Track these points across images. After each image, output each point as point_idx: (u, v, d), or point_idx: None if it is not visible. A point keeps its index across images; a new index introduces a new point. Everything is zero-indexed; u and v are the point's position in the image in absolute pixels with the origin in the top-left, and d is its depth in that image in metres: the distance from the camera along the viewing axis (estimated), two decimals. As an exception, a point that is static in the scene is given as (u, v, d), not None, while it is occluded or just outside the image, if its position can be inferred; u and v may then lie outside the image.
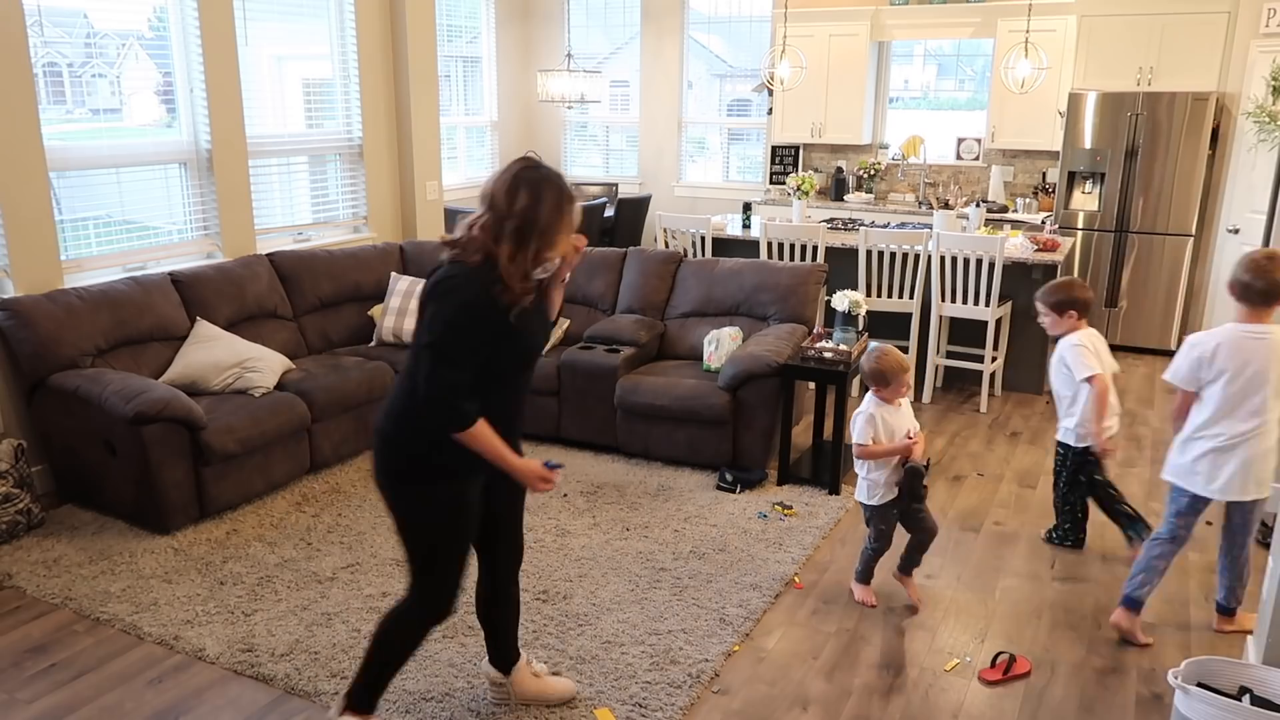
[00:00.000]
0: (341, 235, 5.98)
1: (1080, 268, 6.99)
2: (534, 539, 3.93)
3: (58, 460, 4.23)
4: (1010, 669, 3.08)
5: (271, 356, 4.56)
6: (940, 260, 5.56)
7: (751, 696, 2.95)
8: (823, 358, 4.45)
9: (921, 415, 5.58)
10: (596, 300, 5.45)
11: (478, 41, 8.65)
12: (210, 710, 2.86)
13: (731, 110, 8.87)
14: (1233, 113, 6.45)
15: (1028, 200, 7.38)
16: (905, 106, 9.18)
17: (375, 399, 4.78)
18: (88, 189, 4.64)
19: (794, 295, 5.05)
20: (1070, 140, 6.86)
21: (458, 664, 3.06)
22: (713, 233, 6.27)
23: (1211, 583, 3.68)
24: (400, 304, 5.22)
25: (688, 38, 8.64)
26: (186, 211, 5.04)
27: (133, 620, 3.31)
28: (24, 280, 4.24)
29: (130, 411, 3.76)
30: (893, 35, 7.73)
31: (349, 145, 5.97)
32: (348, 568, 3.69)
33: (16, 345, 4.07)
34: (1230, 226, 6.45)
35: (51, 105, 4.52)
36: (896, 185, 8.09)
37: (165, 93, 4.93)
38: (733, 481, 4.41)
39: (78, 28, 4.61)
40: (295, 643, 3.18)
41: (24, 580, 3.58)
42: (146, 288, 4.49)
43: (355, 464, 4.69)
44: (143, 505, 3.93)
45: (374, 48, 5.94)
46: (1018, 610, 3.48)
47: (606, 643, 3.20)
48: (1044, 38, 6.76)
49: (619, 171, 9.22)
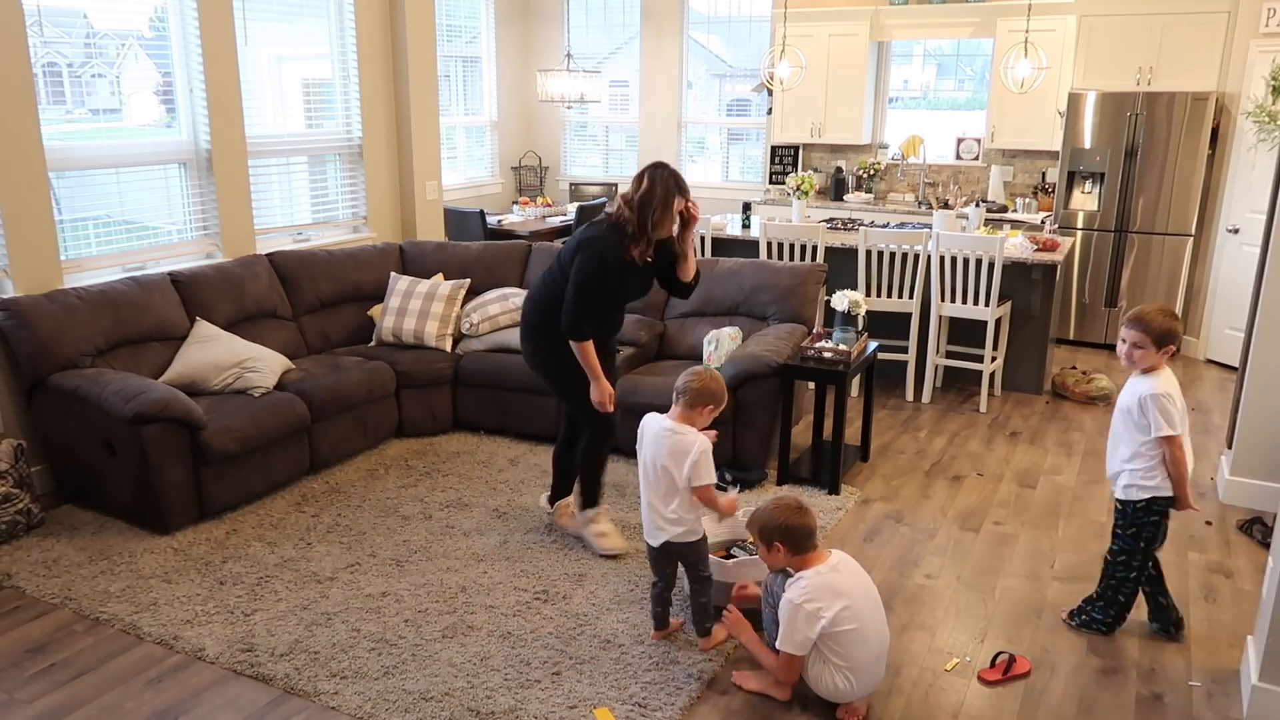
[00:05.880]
0: (341, 235, 5.98)
1: (1080, 268, 6.99)
2: (534, 539, 3.93)
3: (57, 460, 4.23)
4: (1010, 669, 3.08)
5: (271, 356, 4.56)
6: (940, 260, 5.56)
7: (751, 696, 2.95)
8: (822, 358, 4.45)
9: (921, 415, 5.59)
10: (596, 300, 5.45)
11: (477, 41, 8.65)
12: (210, 710, 2.86)
13: (731, 110, 8.87)
14: (1232, 113, 6.45)
15: (1027, 200, 7.38)
16: (905, 106, 9.18)
17: (375, 399, 4.79)
18: (87, 189, 4.64)
19: (793, 295, 5.05)
20: (1070, 140, 6.86)
21: (458, 664, 3.06)
22: (712, 232, 6.28)
23: (1212, 582, 3.69)
24: (400, 304, 5.21)
25: (687, 38, 8.64)
26: (186, 211, 5.04)
27: (132, 620, 3.30)
28: (24, 280, 4.24)
29: (130, 411, 3.76)
30: (892, 35, 7.73)
31: (349, 145, 5.97)
32: (348, 568, 3.69)
33: (16, 345, 4.07)
34: (1230, 226, 6.45)
35: (51, 105, 4.52)
36: (896, 185, 8.09)
37: (165, 93, 4.93)
38: (732, 481, 4.41)
39: (77, 28, 4.61)
40: (295, 642, 3.18)
41: (24, 580, 3.58)
42: (146, 288, 4.49)
43: (355, 464, 4.69)
44: (142, 505, 3.93)
45: (374, 48, 5.93)
46: (1018, 610, 3.47)
47: (606, 643, 3.19)
48: (1044, 38, 6.76)
49: (619, 171, 9.22)
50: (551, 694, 2.92)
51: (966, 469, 4.80)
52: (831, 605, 2.71)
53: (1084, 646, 3.25)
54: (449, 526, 4.04)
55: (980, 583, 3.67)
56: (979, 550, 3.94)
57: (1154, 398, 3.05)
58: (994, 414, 5.62)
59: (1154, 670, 3.12)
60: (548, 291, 3.67)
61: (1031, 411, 5.68)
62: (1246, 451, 4.31)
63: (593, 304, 3.50)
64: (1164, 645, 3.26)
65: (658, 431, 3.12)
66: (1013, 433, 5.33)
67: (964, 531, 4.10)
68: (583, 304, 3.48)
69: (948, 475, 4.71)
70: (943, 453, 5.01)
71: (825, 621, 2.71)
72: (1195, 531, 4.12)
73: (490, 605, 3.42)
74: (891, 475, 4.70)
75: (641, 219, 3.45)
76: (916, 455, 4.97)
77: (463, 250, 5.70)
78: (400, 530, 4.01)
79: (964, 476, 4.70)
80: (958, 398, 5.90)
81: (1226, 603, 3.54)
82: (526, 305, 3.81)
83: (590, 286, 3.48)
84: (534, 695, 2.91)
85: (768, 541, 2.83)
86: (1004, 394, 5.98)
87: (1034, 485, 4.60)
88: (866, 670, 2.78)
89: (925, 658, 3.17)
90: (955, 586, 3.64)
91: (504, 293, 5.32)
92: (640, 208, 3.45)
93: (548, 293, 3.66)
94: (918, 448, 5.07)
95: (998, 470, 4.78)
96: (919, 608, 3.48)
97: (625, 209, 3.49)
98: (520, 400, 4.98)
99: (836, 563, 2.80)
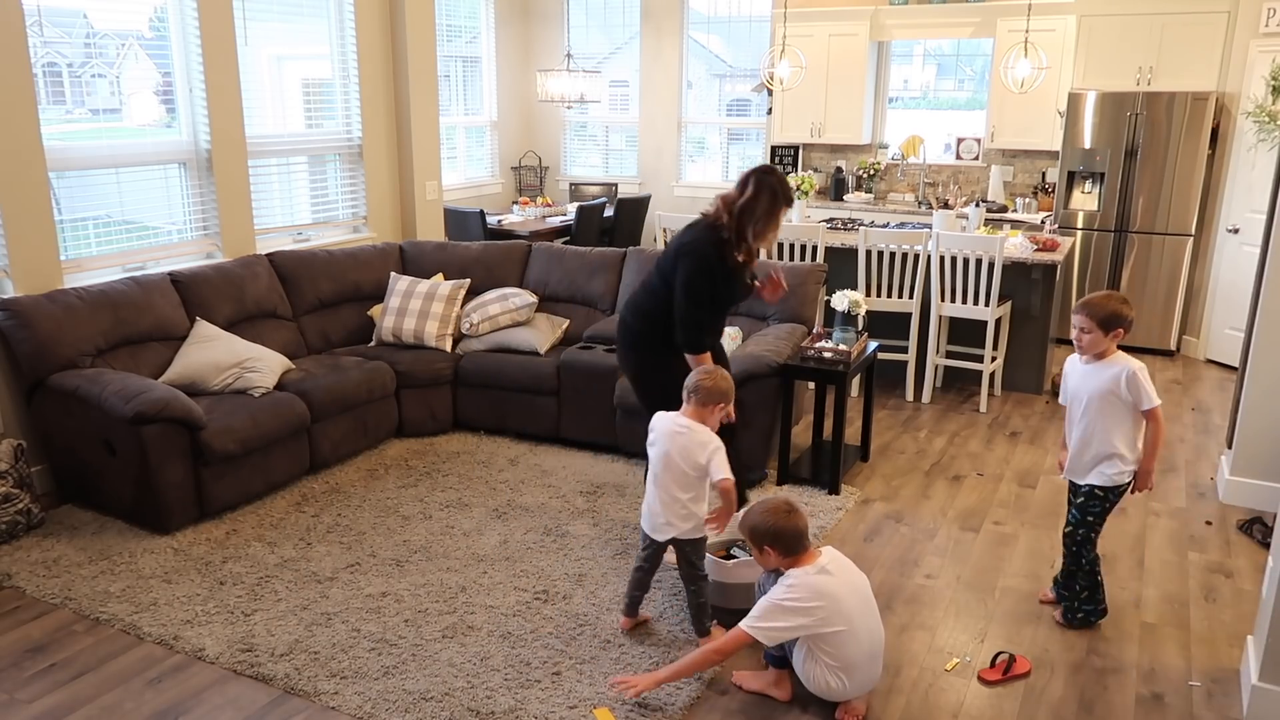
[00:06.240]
0: (341, 235, 5.98)
1: (1080, 267, 6.99)
2: (534, 539, 3.93)
3: (57, 460, 4.23)
4: (1010, 669, 3.08)
5: (271, 356, 4.56)
6: (940, 260, 5.56)
7: (751, 696, 2.95)
8: (822, 358, 4.45)
9: (921, 415, 5.59)
10: (596, 300, 5.44)
11: (477, 41, 8.65)
12: (210, 710, 2.86)
13: (731, 110, 8.87)
14: (1232, 112, 6.45)
15: (1027, 200, 7.37)
16: (905, 106, 9.18)
17: (375, 398, 4.79)
18: (87, 189, 4.64)
19: (793, 295, 5.05)
20: (1070, 140, 6.85)
21: (458, 664, 3.06)
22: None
23: (1212, 582, 3.69)
24: (399, 304, 5.22)
25: (687, 38, 8.64)
26: (186, 211, 5.04)
27: (132, 620, 3.30)
28: (24, 280, 4.24)
29: (130, 411, 3.76)
30: (892, 35, 7.73)
31: (348, 145, 5.97)
32: (348, 568, 3.69)
33: (16, 345, 4.07)
34: (1230, 226, 6.45)
35: (51, 105, 4.52)
36: (896, 185, 8.09)
37: (165, 93, 4.93)
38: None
39: (77, 28, 4.61)
40: (295, 643, 3.18)
41: (24, 580, 3.58)
42: (146, 288, 4.49)
43: (355, 463, 4.69)
44: (142, 505, 3.93)
45: (374, 48, 5.93)
46: (1018, 610, 3.47)
47: (606, 643, 3.19)
48: (1044, 37, 6.76)
49: (618, 171, 9.22)
50: (551, 694, 2.92)
51: (966, 469, 4.80)
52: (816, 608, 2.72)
53: (1084, 646, 3.25)
54: (449, 526, 4.04)
55: (980, 583, 3.67)
56: (979, 550, 3.94)
57: (1137, 372, 3.13)
58: (994, 414, 5.63)
59: (1154, 670, 3.12)
60: (652, 301, 3.55)
61: (1031, 411, 5.68)
62: (1246, 451, 4.31)
63: (706, 313, 3.43)
64: (1164, 645, 3.26)
65: (672, 430, 3.11)
66: (1013, 433, 5.33)
67: (964, 531, 4.10)
68: (699, 316, 3.40)
69: (948, 475, 4.71)
70: (943, 453, 5.01)
71: (809, 622, 2.72)
72: (1195, 531, 4.12)
73: (490, 605, 3.42)
74: (891, 475, 4.70)
75: (741, 227, 3.30)
76: (916, 455, 4.97)
77: (463, 250, 5.70)
78: (400, 530, 4.01)
79: (964, 476, 4.70)
80: (958, 398, 5.90)
81: (1226, 603, 3.54)
82: (626, 313, 3.69)
83: (702, 298, 3.39)
84: (534, 695, 2.91)
85: (759, 545, 2.84)
86: (1004, 394, 5.98)
87: (1034, 485, 4.60)
88: (859, 669, 2.79)
89: (925, 658, 3.17)
90: (955, 586, 3.64)
91: (504, 293, 5.32)
92: (741, 214, 3.30)
93: (652, 302, 3.55)
94: (918, 448, 5.08)
95: (998, 470, 4.79)
96: (919, 608, 3.48)
97: (724, 212, 3.33)
98: (520, 400, 4.98)
99: (826, 563, 2.80)
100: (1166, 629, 3.36)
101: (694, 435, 3.07)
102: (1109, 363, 3.18)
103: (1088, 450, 3.24)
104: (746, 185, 3.32)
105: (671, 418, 3.16)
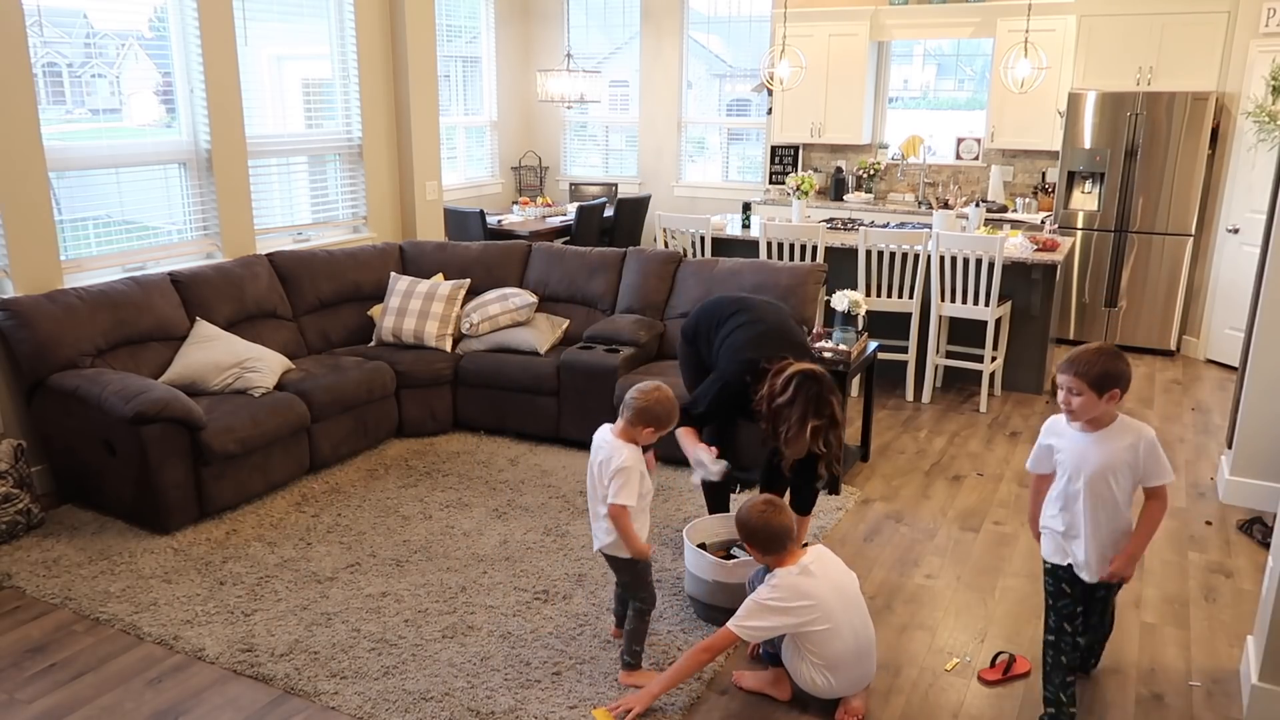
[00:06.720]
0: (341, 235, 5.98)
1: (1080, 267, 6.99)
2: (534, 539, 3.93)
3: (57, 460, 4.23)
4: (1010, 669, 3.08)
5: (271, 356, 4.56)
6: (940, 260, 5.56)
7: (752, 696, 2.95)
8: (822, 358, 4.45)
9: (921, 415, 5.59)
10: (596, 300, 5.44)
11: (477, 41, 8.65)
12: (210, 710, 2.86)
13: (731, 110, 8.87)
14: (1232, 112, 6.45)
15: (1027, 200, 7.37)
16: (905, 106, 9.18)
17: (375, 399, 4.79)
18: (87, 189, 4.64)
19: (793, 295, 5.04)
20: (1070, 140, 6.85)
21: (458, 664, 3.06)
22: (712, 233, 6.27)
23: (1212, 582, 3.69)
24: (399, 304, 5.21)
25: (687, 38, 8.64)
26: (186, 211, 5.04)
27: (132, 620, 3.30)
28: (24, 280, 4.24)
29: (130, 411, 3.76)
30: (892, 35, 7.73)
31: (348, 145, 5.97)
32: (347, 568, 3.69)
33: (16, 345, 4.07)
34: (1230, 226, 6.45)
35: (51, 105, 4.52)
36: (896, 185, 8.09)
37: (165, 93, 4.93)
38: (732, 481, 4.40)
39: (77, 28, 4.61)
40: (295, 643, 3.18)
41: (24, 580, 3.58)
42: (146, 288, 4.49)
43: (355, 464, 4.69)
44: (142, 505, 3.93)
45: (374, 48, 5.94)
46: (1018, 610, 3.47)
47: (606, 643, 3.19)
48: (1044, 37, 6.76)
49: (618, 171, 9.22)
50: (551, 694, 2.92)
51: (966, 469, 4.80)
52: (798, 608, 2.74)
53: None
54: (449, 526, 4.05)
55: (980, 583, 3.67)
56: (979, 550, 3.94)
57: (1156, 443, 2.62)
58: (994, 414, 5.62)
59: (1154, 670, 3.12)
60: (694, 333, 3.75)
61: (1031, 411, 5.68)
62: (1246, 451, 4.31)
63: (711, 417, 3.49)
64: (1164, 645, 3.26)
65: (598, 443, 2.99)
66: (1013, 433, 5.33)
67: (964, 531, 4.10)
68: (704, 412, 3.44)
69: (948, 475, 4.71)
70: (943, 453, 5.01)
71: (793, 621, 2.75)
72: (1195, 531, 4.12)
73: (490, 605, 3.42)
74: (891, 475, 4.70)
75: (774, 424, 3.17)
76: (916, 455, 4.97)
77: (463, 250, 5.70)
78: (400, 530, 4.01)
79: (964, 476, 4.70)
80: (958, 398, 5.90)
81: (1226, 603, 3.54)
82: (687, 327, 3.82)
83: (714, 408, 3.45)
84: (534, 695, 2.91)
85: (745, 542, 2.91)
86: (1004, 394, 5.98)
87: (1034, 485, 4.60)
88: (845, 667, 2.80)
89: (925, 658, 3.17)
90: (955, 586, 3.64)
91: (504, 293, 5.32)
92: (775, 415, 3.15)
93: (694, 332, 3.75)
94: (918, 448, 5.08)
95: (998, 470, 4.78)
96: (919, 608, 3.48)
97: (763, 402, 3.18)
98: (520, 400, 4.98)
99: (809, 563, 2.81)
100: (1166, 629, 3.36)
101: (610, 451, 2.92)
102: (1117, 431, 2.62)
103: (1113, 542, 2.68)
104: (788, 386, 3.09)
105: (604, 430, 3.02)
